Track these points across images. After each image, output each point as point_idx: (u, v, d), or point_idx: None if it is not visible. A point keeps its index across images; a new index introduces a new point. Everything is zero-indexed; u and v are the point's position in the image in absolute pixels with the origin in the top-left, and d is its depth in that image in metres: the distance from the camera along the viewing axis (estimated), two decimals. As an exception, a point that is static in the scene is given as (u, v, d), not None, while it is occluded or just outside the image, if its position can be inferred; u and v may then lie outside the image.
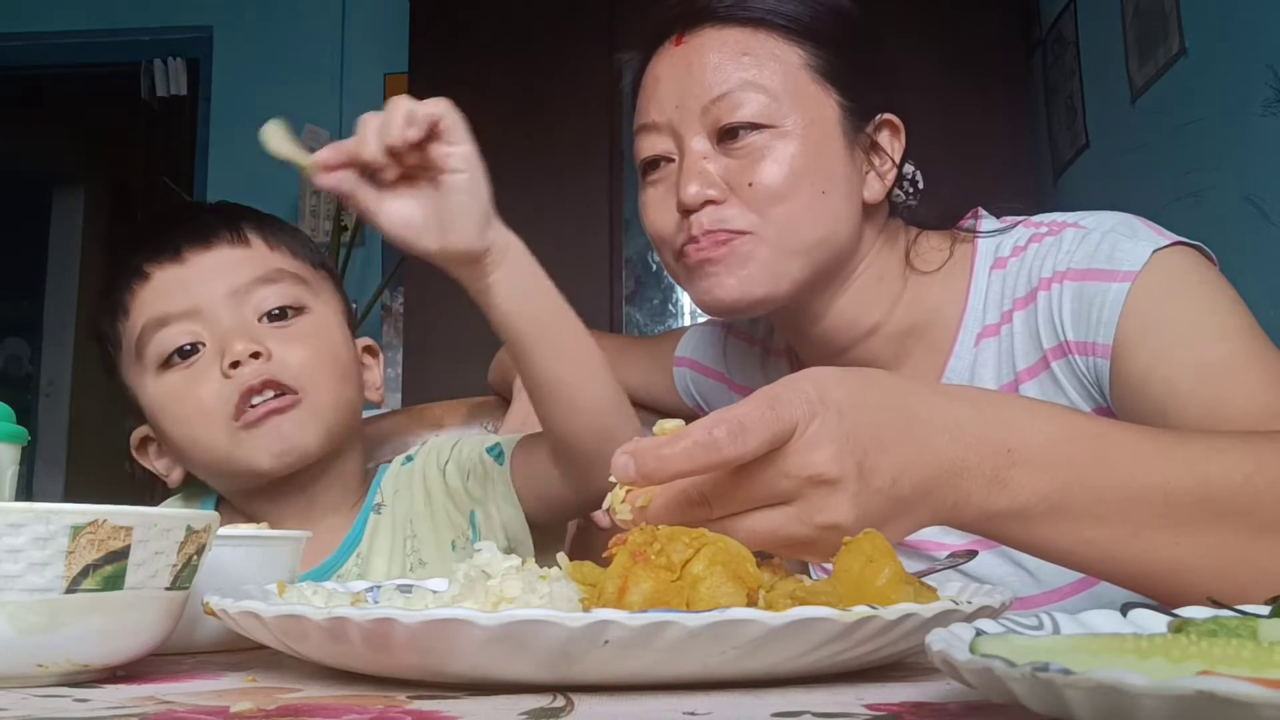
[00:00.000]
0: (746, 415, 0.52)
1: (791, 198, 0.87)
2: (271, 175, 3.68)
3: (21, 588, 0.46)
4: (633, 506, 0.54)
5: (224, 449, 0.90)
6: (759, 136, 0.88)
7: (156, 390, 0.92)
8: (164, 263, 0.93)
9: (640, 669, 0.44)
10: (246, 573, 0.63)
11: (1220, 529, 0.59)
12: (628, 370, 1.21)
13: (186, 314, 0.91)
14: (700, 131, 0.89)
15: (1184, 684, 0.27)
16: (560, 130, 3.00)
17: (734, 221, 0.88)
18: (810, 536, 0.54)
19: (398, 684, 0.48)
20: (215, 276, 0.93)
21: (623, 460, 0.52)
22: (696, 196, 0.87)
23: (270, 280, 0.94)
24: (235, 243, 0.95)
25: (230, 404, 0.89)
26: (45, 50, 3.92)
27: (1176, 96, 2.17)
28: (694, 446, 0.51)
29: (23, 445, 0.67)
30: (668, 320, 2.95)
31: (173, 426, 0.92)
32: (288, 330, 0.93)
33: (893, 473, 0.54)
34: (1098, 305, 0.83)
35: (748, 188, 0.87)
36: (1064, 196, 2.77)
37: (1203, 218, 2.01)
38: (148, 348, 0.92)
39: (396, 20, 3.24)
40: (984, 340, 0.92)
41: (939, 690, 0.44)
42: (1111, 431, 0.61)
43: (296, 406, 0.91)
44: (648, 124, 0.93)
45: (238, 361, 0.89)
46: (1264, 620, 0.39)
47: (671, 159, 0.92)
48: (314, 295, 0.97)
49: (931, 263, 0.95)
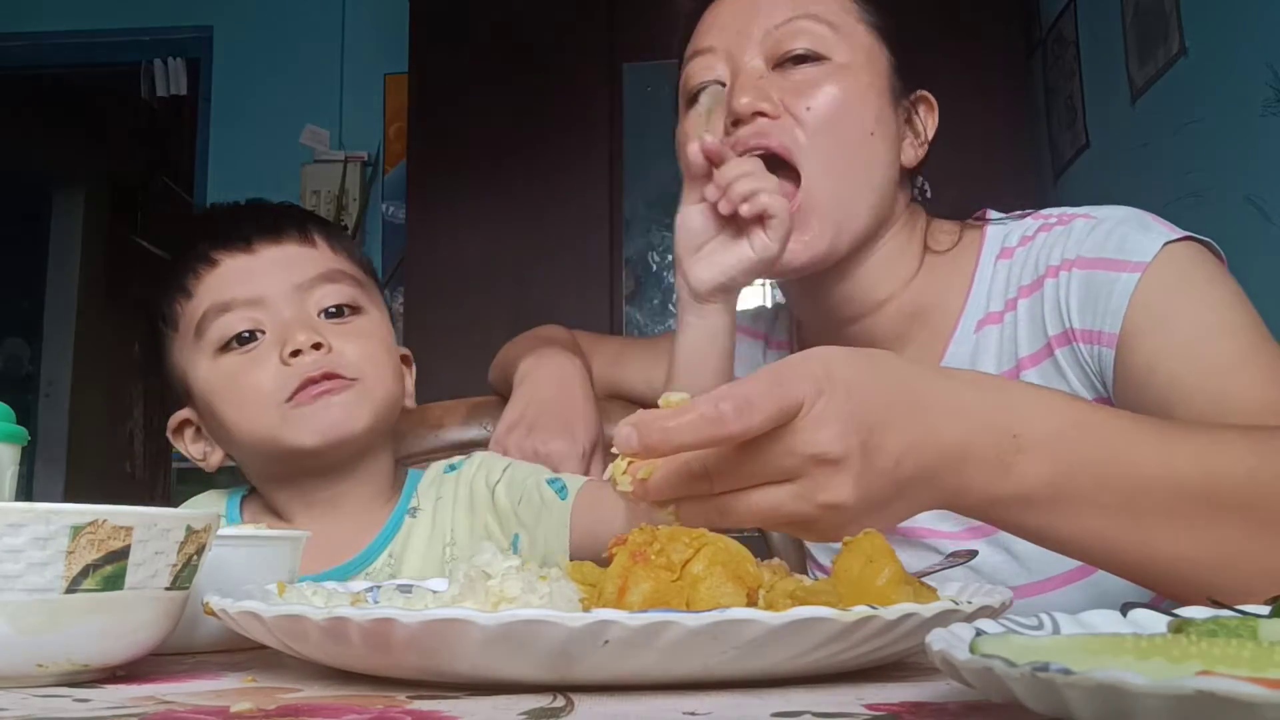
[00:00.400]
0: (753, 391, 0.51)
1: (845, 134, 0.89)
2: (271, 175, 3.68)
3: (21, 588, 0.46)
4: (634, 478, 0.54)
5: (272, 427, 0.92)
6: (816, 68, 0.89)
7: (212, 371, 0.94)
8: (233, 251, 0.96)
9: (640, 669, 0.44)
10: (246, 573, 0.63)
11: (1222, 523, 0.59)
12: (628, 370, 1.21)
13: (250, 302, 0.94)
14: (758, 54, 0.90)
15: (1184, 684, 0.27)
16: (560, 130, 3.00)
17: (781, 136, 0.88)
18: (811, 515, 0.53)
19: (398, 684, 0.48)
20: (281, 269, 0.96)
21: (626, 432, 0.52)
22: (749, 106, 0.87)
23: (331, 280, 0.97)
24: (303, 241, 0.98)
25: (287, 389, 0.91)
26: (45, 50, 3.92)
27: (1176, 96, 2.17)
28: (699, 420, 0.50)
29: (23, 445, 0.67)
30: (668, 320, 2.95)
31: (224, 407, 0.94)
32: (345, 327, 0.96)
33: (896, 454, 0.54)
34: (1105, 294, 0.83)
35: (805, 111, 0.88)
36: (1064, 196, 2.77)
37: (1203, 218, 2.00)
38: (209, 330, 0.94)
39: (396, 20, 3.24)
40: (985, 327, 0.93)
41: (939, 690, 0.44)
42: (1117, 421, 0.61)
43: (350, 389, 0.93)
44: (702, 48, 0.93)
45: (298, 350, 0.92)
46: (1264, 620, 0.39)
47: (724, 83, 0.92)
48: (368, 298, 1.01)
49: (943, 244, 0.96)
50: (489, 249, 2.93)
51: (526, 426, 1.06)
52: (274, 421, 0.92)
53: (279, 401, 0.91)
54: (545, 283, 2.89)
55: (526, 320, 1.31)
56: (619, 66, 3.00)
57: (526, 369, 1.12)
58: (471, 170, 3.01)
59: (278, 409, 0.92)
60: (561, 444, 1.04)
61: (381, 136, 3.64)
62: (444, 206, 3.00)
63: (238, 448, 0.97)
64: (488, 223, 2.98)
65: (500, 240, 2.96)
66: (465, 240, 2.91)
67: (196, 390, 0.97)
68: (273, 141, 3.60)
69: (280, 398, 0.91)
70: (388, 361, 0.98)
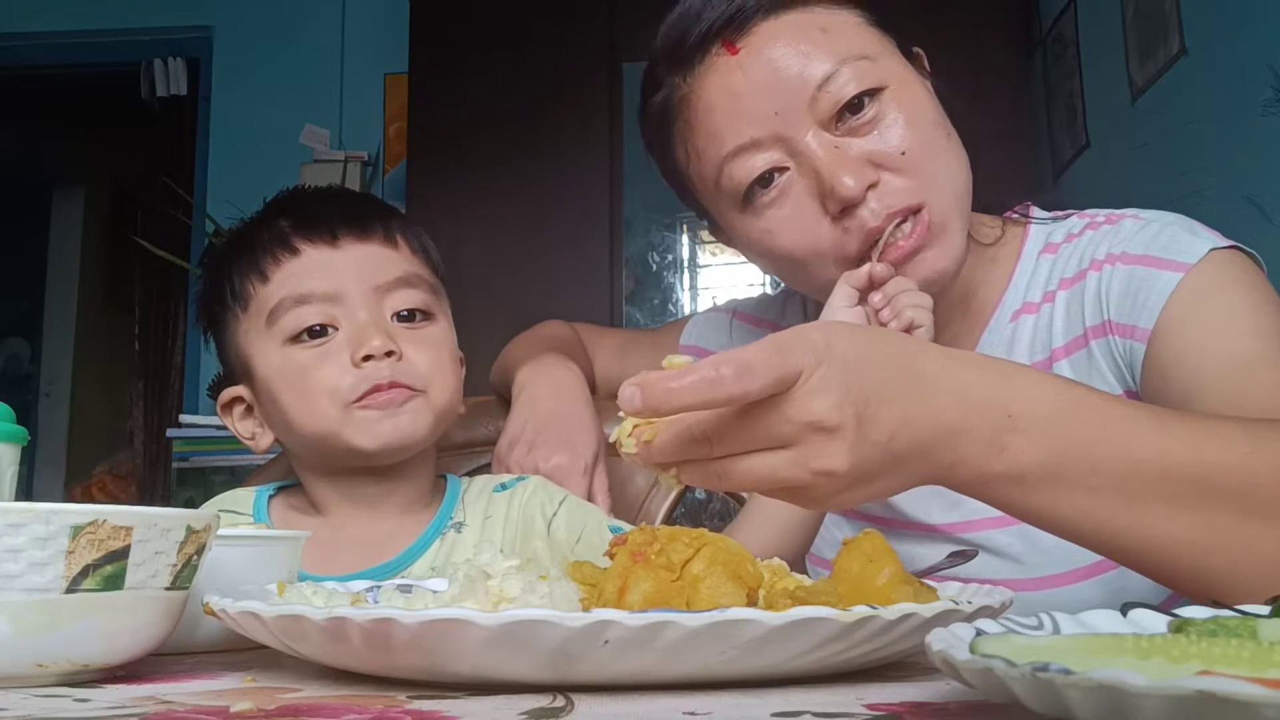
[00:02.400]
0: (753, 356, 0.52)
1: (938, 150, 0.86)
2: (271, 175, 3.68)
3: (21, 588, 0.46)
4: (639, 441, 0.55)
5: (335, 424, 0.92)
6: (874, 105, 0.84)
7: (281, 360, 0.94)
8: (318, 242, 0.95)
9: (640, 669, 0.44)
10: (246, 573, 0.63)
11: (1214, 508, 0.59)
12: (632, 365, 1.21)
13: (328, 297, 0.93)
14: (812, 125, 0.84)
15: (1184, 684, 0.27)
16: (560, 130, 3.00)
17: (906, 193, 0.83)
18: (805, 481, 0.54)
19: (398, 684, 0.48)
20: (363, 268, 0.95)
21: (630, 391, 0.52)
22: (858, 184, 0.82)
23: (409, 284, 0.97)
24: (386, 241, 0.97)
25: (356, 391, 0.91)
26: (45, 50, 3.92)
27: (1176, 96, 2.17)
28: (700, 381, 0.51)
29: (23, 445, 0.67)
30: (667, 320, 2.95)
31: (288, 396, 0.94)
32: (417, 333, 0.96)
33: (892, 427, 0.55)
34: (1145, 290, 0.84)
35: (900, 157, 0.84)
36: (1064, 196, 2.77)
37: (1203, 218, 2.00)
38: (282, 319, 0.93)
39: (396, 20, 3.24)
40: (1021, 317, 0.93)
41: (939, 690, 0.44)
42: (1113, 405, 0.62)
43: (415, 399, 0.93)
44: (743, 145, 0.85)
45: (370, 355, 0.91)
46: (1264, 620, 0.39)
47: (785, 168, 0.85)
48: (440, 305, 1.00)
49: (987, 237, 0.96)
50: (489, 249, 2.93)
51: (527, 444, 1.05)
52: (337, 420, 0.92)
53: (346, 402, 0.91)
54: (545, 283, 2.89)
55: (526, 320, 1.30)
56: (619, 66, 3.00)
57: (523, 380, 1.11)
58: (471, 170, 3.01)
59: (343, 408, 0.91)
60: (563, 459, 1.03)
61: (381, 136, 3.64)
62: (444, 206, 3.00)
63: (294, 437, 0.96)
64: (487, 222, 2.98)
65: (500, 240, 2.96)
66: (465, 240, 2.91)
67: (259, 375, 0.96)
68: (273, 141, 3.60)
69: (348, 398, 0.91)
70: (452, 371, 0.98)
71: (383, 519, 0.97)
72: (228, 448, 2.82)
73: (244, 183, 3.63)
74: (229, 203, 3.53)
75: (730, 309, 1.17)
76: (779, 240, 0.87)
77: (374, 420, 0.91)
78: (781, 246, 0.87)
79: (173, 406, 3.72)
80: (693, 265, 2.98)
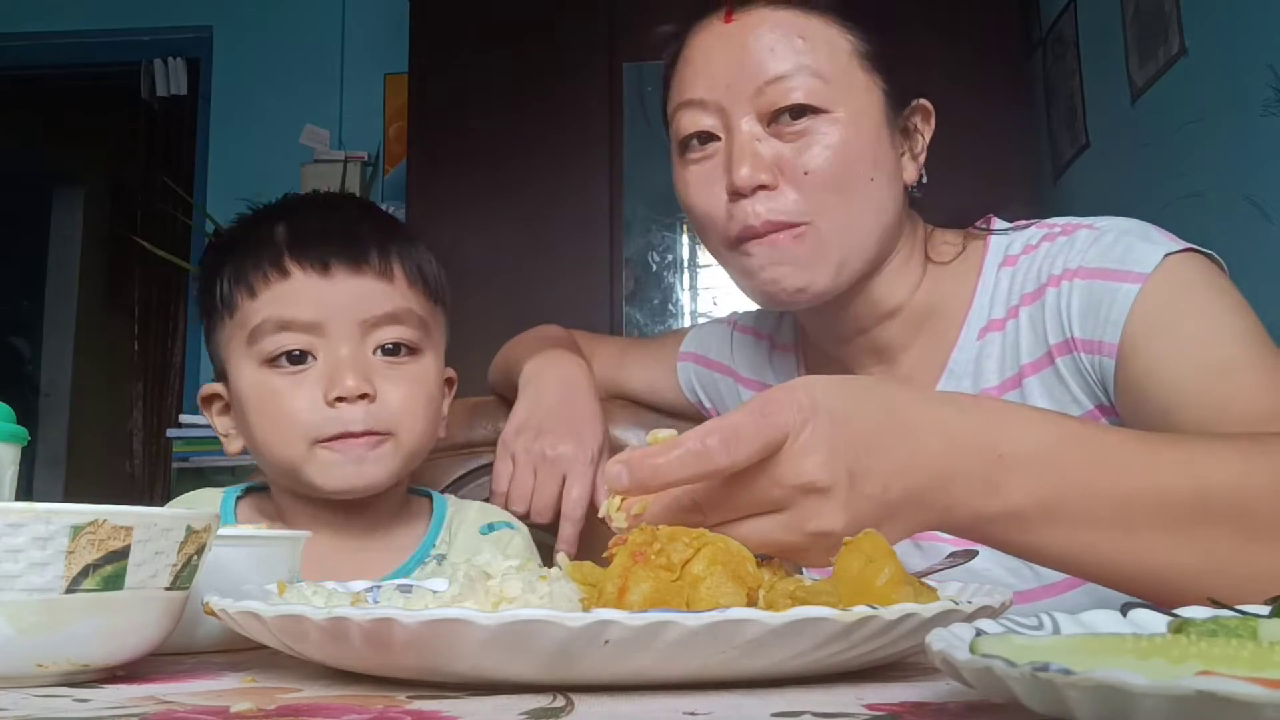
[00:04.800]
0: (739, 423, 0.52)
1: (846, 188, 0.88)
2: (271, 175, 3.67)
3: (21, 588, 0.46)
4: (628, 514, 0.55)
5: (297, 458, 0.91)
6: (812, 121, 0.87)
7: (254, 381, 0.93)
8: (309, 269, 0.93)
9: (640, 669, 0.44)
10: (246, 573, 0.63)
11: (1213, 531, 0.59)
12: (630, 371, 1.21)
13: (311, 326, 0.92)
14: (750, 112, 0.88)
15: (1184, 684, 0.27)
16: (560, 130, 3.00)
17: (791, 211, 0.87)
18: (802, 544, 0.54)
19: (398, 684, 0.48)
20: (352, 303, 0.93)
21: (616, 470, 0.53)
22: (749, 180, 0.86)
23: (398, 319, 0.94)
24: (381, 274, 0.95)
25: (323, 431, 0.90)
26: (45, 50, 3.92)
27: (1176, 96, 2.17)
28: (687, 455, 0.51)
29: (23, 445, 0.67)
30: (668, 320, 2.95)
31: (257, 419, 0.93)
32: (397, 370, 0.94)
33: (884, 479, 0.54)
34: (1106, 304, 0.83)
35: (803, 175, 0.87)
36: (1064, 196, 2.77)
37: (1203, 218, 2.00)
38: (262, 341, 0.92)
39: (396, 20, 3.24)
40: (988, 334, 0.93)
41: (939, 690, 0.44)
42: (1103, 435, 0.62)
43: (383, 444, 0.92)
44: (693, 100, 0.91)
45: (344, 397, 0.90)
46: (1264, 620, 0.39)
47: (717, 136, 0.90)
48: (428, 337, 0.97)
49: (945, 255, 0.97)
50: (489, 249, 2.93)
51: (534, 430, 1.06)
52: (301, 454, 0.91)
53: (312, 439, 0.90)
54: (545, 283, 2.89)
55: (526, 321, 1.31)
56: (619, 66, 3.00)
57: (532, 371, 1.12)
58: (471, 170, 3.01)
59: (309, 445, 0.90)
60: (569, 448, 1.04)
61: (381, 136, 3.64)
62: (444, 206, 3.00)
63: (258, 454, 0.96)
64: (487, 223, 2.98)
65: (500, 240, 2.96)
66: (465, 240, 2.91)
67: (234, 386, 0.95)
68: (273, 141, 3.60)
69: (314, 436, 0.90)
70: (426, 412, 0.95)
71: (346, 540, 0.96)
72: (229, 452, 2.82)
73: (244, 183, 3.63)
74: (229, 203, 3.55)
75: (731, 320, 1.18)
76: (689, 196, 0.93)
77: (337, 464, 0.90)
78: (688, 202, 0.93)
79: (173, 406, 3.73)
80: (693, 265, 2.98)
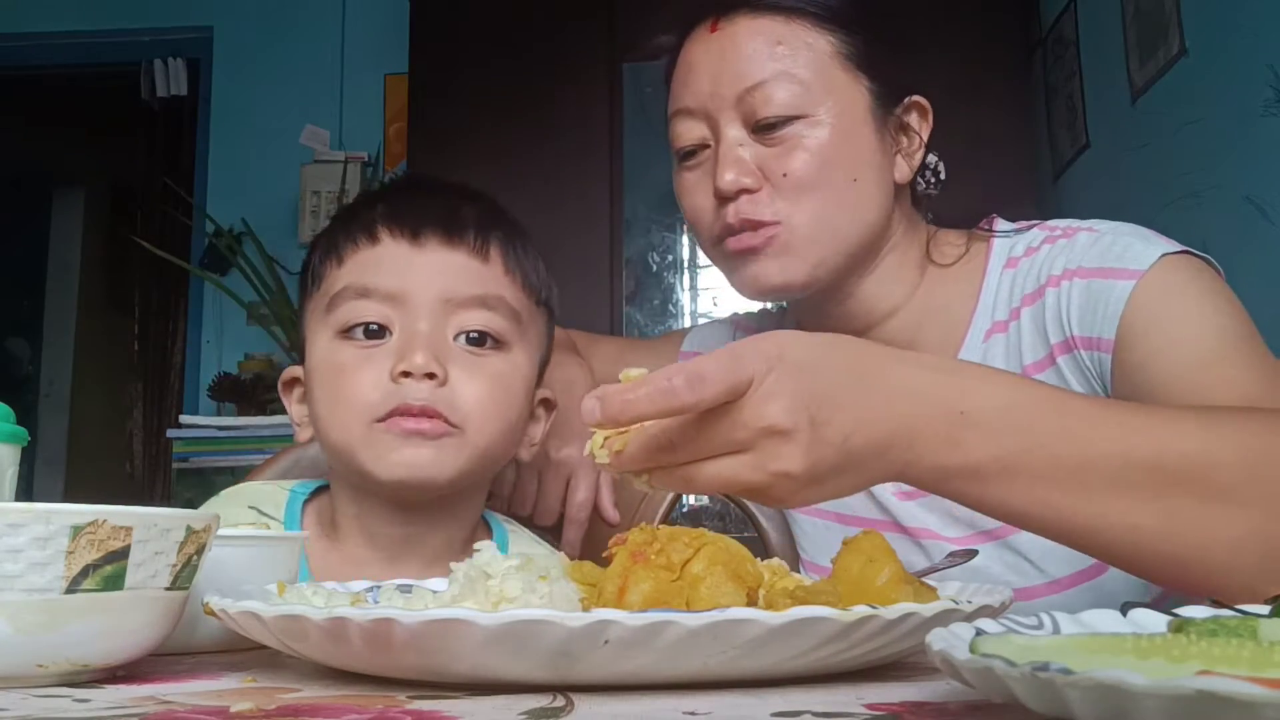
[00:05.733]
0: (705, 366, 0.55)
1: (823, 187, 0.90)
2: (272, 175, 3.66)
3: (21, 588, 0.46)
4: (610, 451, 0.57)
5: (354, 440, 0.84)
6: (793, 126, 0.90)
7: (327, 352, 0.87)
8: (399, 236, 0.88)
9: (640, 669, 0.44)
10: (246, 573, 0.63)
11: (1173, 494, 0.60)
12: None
13: (392, 296, 0.86)
14: (735, 119, 0.91)
15: (1184, 684, 0.27)
16: (560, 130, 3.00)
17: (764, 211, 0.90)
18: (765, 482, 0.56)
19: (398, 684, 0.48)
20: (439, 275, 0.87)
21: (590, 404, 0.55)
22: (732, 185, 0.89)
23: (486, 305, 0.88)
24: (476, 252, 0.89)
25: (382, 409, 0.83)
26: (45, 50, 3.92)
27: (1176, 96, 2.17)
28: (654, 391, 0.54)
29: (23, 445, 0.67)
30: (668, 320, 2.95)
31: (322, 394, 0.87)
32: (478, 360, 0.86)
33: (846, 429, 0.57)
34: (1103, 301, 0.85)
35: (782, 178, 0.89)
36: (1064, 196, 2.77)
37: (1203, 218, 2.00)
38: (339, 309, 0.87)
39: (396, 20, 3.24)
40: (994, 335, 0.94)
41: (939, 690, 0.44)
42: (1068, 398, 0.63)
43: (447, 436, 0.84)
44: (682, 109, 0.94)
45: (409, 373, 0.83)
46: (1264, 620, 0.39)
47: (708, 145, 0.93)
48: (521, 335, 0.90)
49: (948, 256, 0.98)
50: (489, 249, 2.93)
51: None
52: (358, 435, 0.83)
53: (371, 418, 0.83)
54: (545, 283, 2.88)
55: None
56: (619, 66, 3.00)
57: None
58: (471, 171, 3.01)
59: (367, 425, 0.83)
60: (573, 450, 1.04)
61: (381, 136, 3.64)
62: (444, 206, 3.00)
63: (319, 436, 0.89)
64: (488, 223, 2.98)
65: (500, 240, 2.96)
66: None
67: (309, 361, 0.89)
68: (273, 141, 3.60)
69: (373, 414, 0.83)
70: (503, 412, 0.87)
71: (398, 570, 0.86)
72: (228, 448, 2.82)
73: (244, 183, 3.65)
74: (229, 203, 3.54)
75: (733, 320, 1.18)
76: (684, 199, 0.96)
77: (392, 447, 0.82)
78: (683, 204, 0.97)
79: (173, 407, 3.72)
80: (693, 265, 2.98)
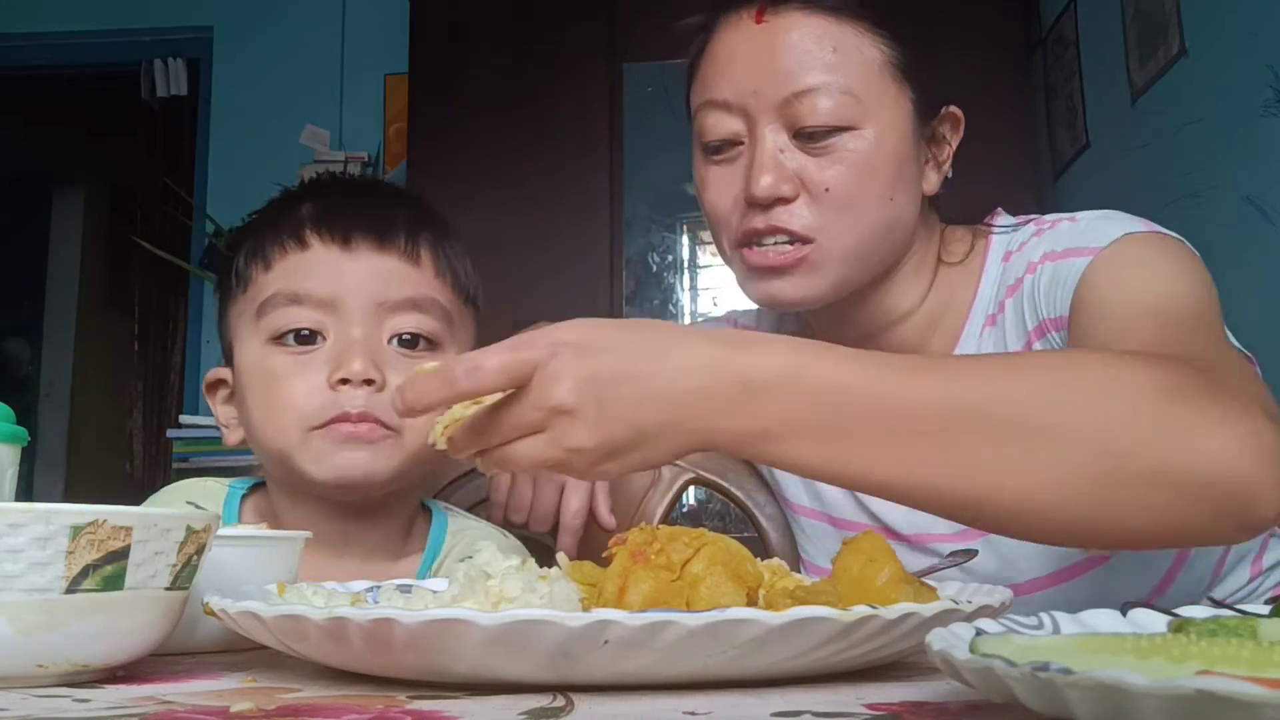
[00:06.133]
0: (485, 355, 0.59)
1: (860, 205, 0.87)
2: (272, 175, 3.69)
3: (21, 588, 0.46)
4: (446, 438, 0.62)
5: (291, 445, 0.84)
6: (838, 137, 0.86)
7: (257, 359, 0.87)
8: (329, 241, 0.87)
9: (640, 669, 0.44)
10: (246, 573, 0.63)
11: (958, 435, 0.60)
12: None
13: (324, 302, 0.86)
14: (776, 122, 0.87)
15: (1184, 684, 0.27)
16: (560, 130, 3.00)
17: (798, 221, 0.86)
18: (562, 458, 0.59)
19: (398, 684, 0.48)
20: (372, 280, 0.87)
21: (394, 395, 0.61)
22: (769, 191, 0.86)
23: (419, 307, 0.88)
24: (407, 255, 0.89)
25: (320, 416, 0.83)
26: (45, 50, 3.92)
27: (1176, 96, 2.17)
28: (440, 381, 0.59)
29: (23, 445, 0.67)
30: (667, 320, 2.95)
31: (254, 401, 0.87)
32: (412, 363, 0.84)
33: (635, 405, 0.59)
34: (1064, 279, 0.85)
35: (824, 193, 0.86)
36: (1064, 196, 2.77)
37: (1203, 218, 2.00)
38: (270, 316, 0.86)
39: (396, 20, 3.24)
40: (987, 329, 0.95)
41: (939, 690, 0.44)
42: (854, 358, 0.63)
43: (386, 439, 0.84)
44: (717, 100, 0.89)
45: (347, 380, 0.83)
46: (1264, 620, 0.39)
47: (740, 142, 0.89)
48: (452, 335, 0.91)
49: (955, 254, 0.97)
50: (489, 249, 2.93)
51: None
52: (294, 441, 0.84)
53: (308, 425, 0.84)
54: (545, 283, 2.89)
55: (526, 321, 1.30)
56: (619, 66, 3.00)
57: None
58: (471, 170, 3.01)
59: (304, 432, 0.84)
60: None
61: (381, 136, 3.64)
62: (444, 207, 2.97)
63: (255, 444, 0.90)
64: (487, 223, 2.98)
65: (500, 240, 2.96)
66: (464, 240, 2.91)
67: (238, 366, 0.89)
68: (273, 141, 3.60)
69: (311, 422, 0.83)
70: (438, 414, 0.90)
71: (341, 564, 0.87)
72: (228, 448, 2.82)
73: (244, 183, 3.63)
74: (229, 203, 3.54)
75: (730, 319, 1.17)
76: (706, 194, 0.93)
77: (330, 452, 0.83)
78: (706, 200, 0.93)
79: (173, 407, 3.72)
80: (693, 265, 2.98)
